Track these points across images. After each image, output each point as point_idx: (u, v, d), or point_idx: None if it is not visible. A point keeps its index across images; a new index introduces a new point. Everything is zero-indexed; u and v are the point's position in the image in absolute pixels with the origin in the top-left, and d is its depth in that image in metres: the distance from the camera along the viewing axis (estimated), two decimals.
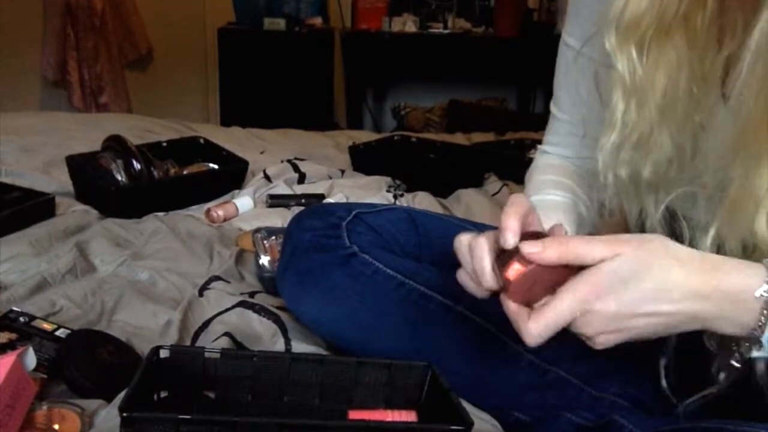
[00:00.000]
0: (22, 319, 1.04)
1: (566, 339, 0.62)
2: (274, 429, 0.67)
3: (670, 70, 0.67)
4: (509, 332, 0.87)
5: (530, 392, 0.86)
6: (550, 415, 0.83)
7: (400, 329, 0.90)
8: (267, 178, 1.89)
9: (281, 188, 1.85)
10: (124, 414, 0.66)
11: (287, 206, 1.73)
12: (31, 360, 0.87)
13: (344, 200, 1.75)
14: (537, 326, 0.60)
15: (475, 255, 0.65)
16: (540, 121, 1.13)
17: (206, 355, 0.81)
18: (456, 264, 0.68)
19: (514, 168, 1.79)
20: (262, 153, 2.20)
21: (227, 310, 1.12)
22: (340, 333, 0.96)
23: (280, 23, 3.54)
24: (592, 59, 0.82)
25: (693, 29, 0.66)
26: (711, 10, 0.65)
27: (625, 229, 0.79)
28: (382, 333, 0.91)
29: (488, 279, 0.65)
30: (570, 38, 0.90)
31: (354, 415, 0.79)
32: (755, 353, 0.60)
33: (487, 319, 0.87)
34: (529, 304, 0.63)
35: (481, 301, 0.68)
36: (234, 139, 2.31)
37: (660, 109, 0.68)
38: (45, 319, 1.07)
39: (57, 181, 1.73)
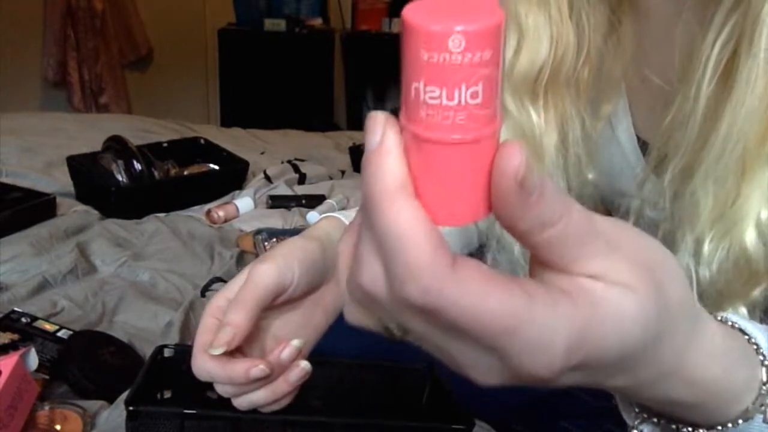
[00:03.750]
0: (24, 319, 1.04)
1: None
2: (277, 425, 0.68)
3: (559, 126, 0.66)
4: None
5: (529, 405, 0.86)
6: (547, 424, 0.83)
7: (399, 348, 0.89)
8: (267, 178, 1.90)
9: (282, 189, 1.85)
10: (130, 408, 0.66)
11: (288, 207, 1.73)
12: (33, 361, 0.87)
13: (345, 201, 1.75)
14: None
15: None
16: None
17: None
18: None
19: None
20: (262, 153, 2.20)
21: None
22: (342, 350, 0.95)
23: (281, 24, 3.54)
24: None
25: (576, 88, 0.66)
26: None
27: None
28: (382, 351, 0.91)
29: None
30: None
31: None
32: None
33: None
34: None
35: None
36: (234, 140, 2.31)
37: (553, 164, 0.67)
38: (47, 319, 1.07)
39: (58, 182, 1.73)
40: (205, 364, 0.53)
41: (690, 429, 0.40)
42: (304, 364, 0.55)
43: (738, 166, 0.52)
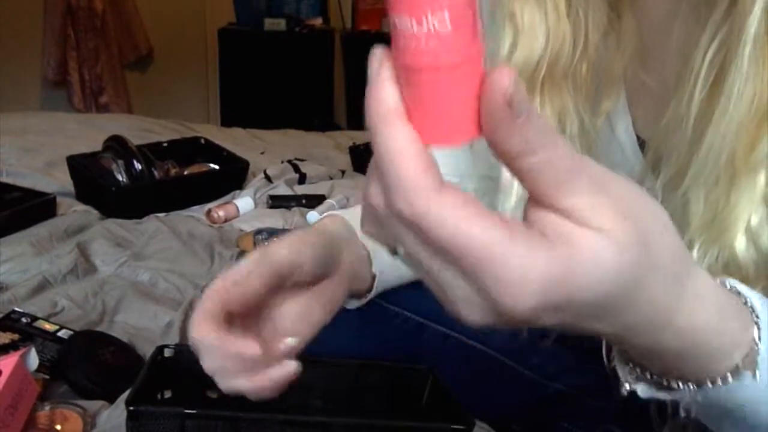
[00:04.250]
0: (24, 319, 1.04)
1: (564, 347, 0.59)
2: (276, 425, 0.68)
3: (557, 122, 0.66)
4: (509, 355, 0.87)
5: (530, 407, 0.86)
6: (547, 424, 0.83)
7: (399, 349, 0.89)
8: (268, 178, 1.90)
9: (282, 189, 1.85)
10: (131, 408, 0.66)
11: (288, 207, 1.73)
12: (33, 361, 0.87)
13: (345, 201, 1.75)
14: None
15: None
16: None
17: None
18: None
19: None
20: (262, 153, 2.20)
21: None
22: (342, 350, 0.95)
23: (281, 24, 3.54)
24: None
25: (576, 82, 0.66)
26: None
27: None
28: (382, 351, 0.90)
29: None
30: None
31: None
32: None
33: (486, 344, 0.86)
34: None
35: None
36: (234, 140, 2.31)
37: None
38: (47, 319, 1.07)
39: (58, 182, 1.73)
40: (202, 329, 0.52)
41: (680, 383, 0.41)
42: (292, 365, 0.55)
43: (727, 173, 0.53)
